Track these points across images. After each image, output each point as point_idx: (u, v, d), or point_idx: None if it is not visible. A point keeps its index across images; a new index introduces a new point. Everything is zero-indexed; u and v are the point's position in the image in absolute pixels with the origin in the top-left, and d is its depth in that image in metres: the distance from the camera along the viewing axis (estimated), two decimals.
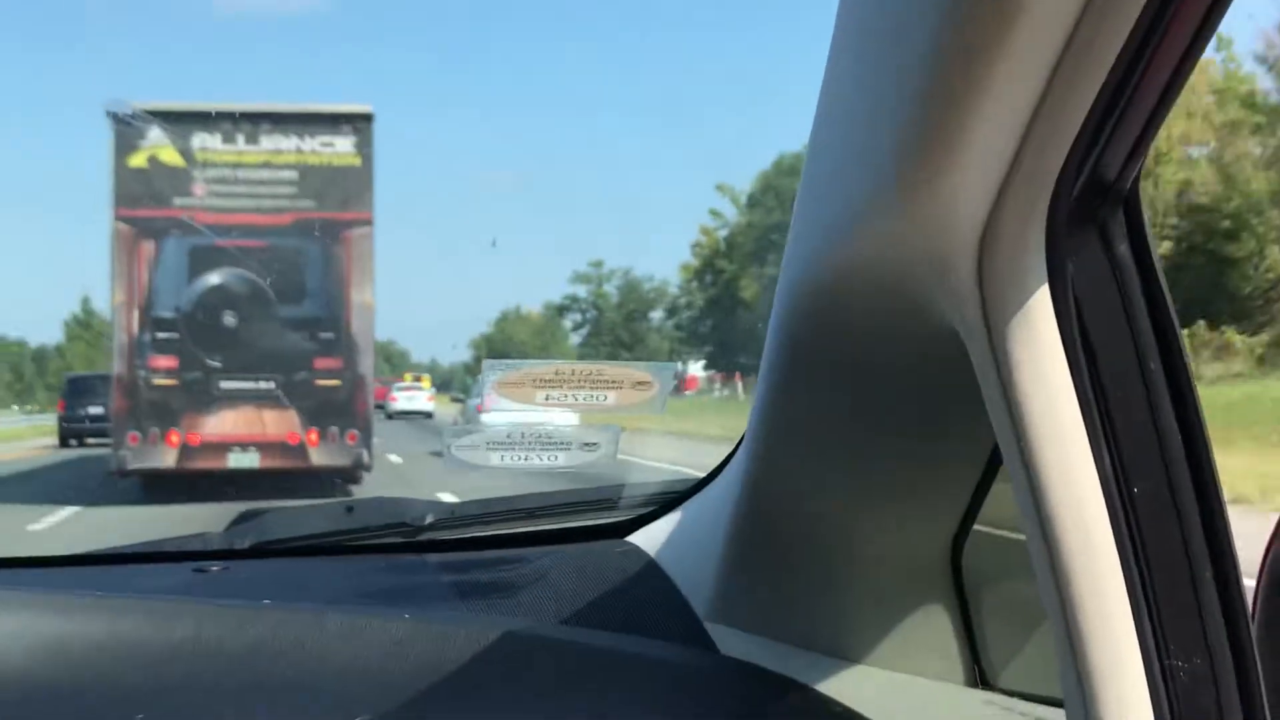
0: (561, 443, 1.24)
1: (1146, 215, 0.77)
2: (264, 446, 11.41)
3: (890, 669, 1.17)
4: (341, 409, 11.45)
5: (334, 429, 11.40)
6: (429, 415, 36.75)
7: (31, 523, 10.22)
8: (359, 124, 11.71)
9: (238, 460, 11.34)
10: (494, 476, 1.48)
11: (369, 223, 11.63)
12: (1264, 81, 34.80)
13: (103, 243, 11.59)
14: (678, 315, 70.92)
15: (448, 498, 3.86)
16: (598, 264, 76.34)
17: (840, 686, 1.12)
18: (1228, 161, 34.92)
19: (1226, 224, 34.33)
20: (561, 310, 79.20)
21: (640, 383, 1.12)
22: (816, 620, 1.19)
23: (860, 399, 1.02)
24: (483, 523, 1.40)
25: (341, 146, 11.61)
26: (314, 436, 11.40)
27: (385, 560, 1.35)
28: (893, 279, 0.82)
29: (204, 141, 11.62)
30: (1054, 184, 0.72)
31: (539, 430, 1.29)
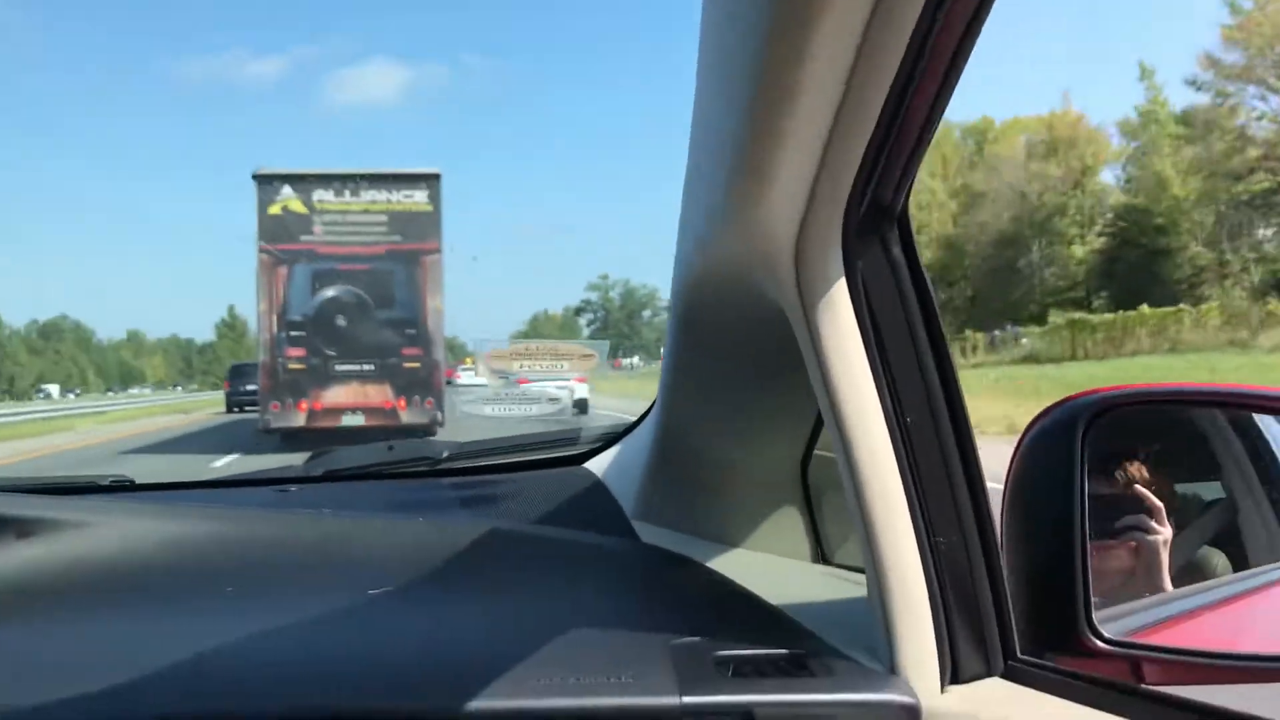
0: (534, 398, 1.27)
1: (913, 227, 0.77)
2: (368, 410, 11.52)
3: (759, 550, 1.19)
4: (422, 384, 11.55)
5: (417, 398, 11.50)
6: (483, 386, 37.46)
7: (213, 462, 10.42)
8: (430, 181, 11.84)
9: (349, 420, 11.47)
10: (506, 425, 1.53)
11: (439, 251, 11.76)
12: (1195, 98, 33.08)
13: (247, 268, 11.71)
14: (661, 314, 70.48)
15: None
16: (604, 276, 76.53)
17: (723, 563, 1.13)
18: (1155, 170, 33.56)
19: (1158, 221, 33.19)
20: (578, 311, 79.13)
21: (585, 355, 1.14)
22: (708, 516, 1.21)
23: (731, 362, 1.03)
24: (483, 455, 1.42)
25: (418, 197, 11.74)
26: (403, 403, 11.50)
27: (415, 483, 1.37)
28: (738, 274, 0.82)
29: (321, 195, 11.72)
30: (845, 205, 0.73)
31: (519, 391, 1.33)
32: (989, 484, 0.80)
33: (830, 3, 0.56)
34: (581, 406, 10.71)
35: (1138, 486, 0.88)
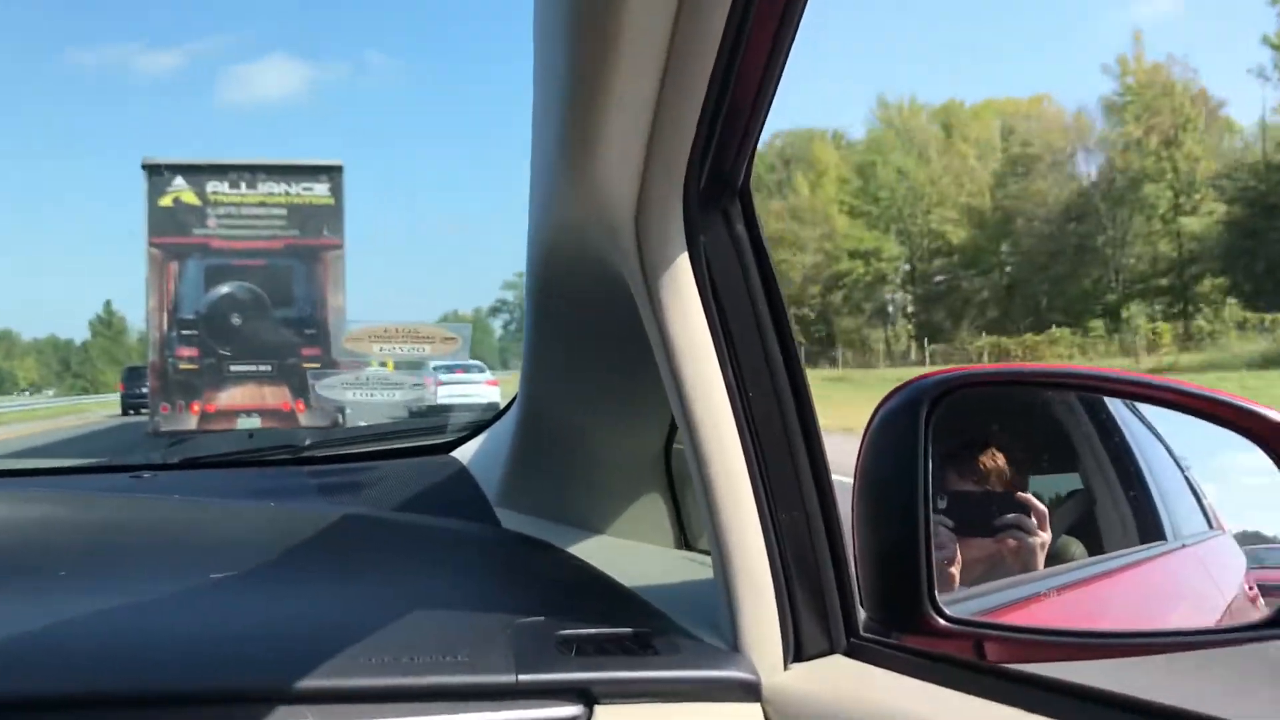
0: (398, 384, 1.26)
1: (756, 201, 0.78)
2: (264, 413, 11.25)
3: (622, 536, 1.20)
4: None
5: (316, 399, 11.29)
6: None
7: None
8: (332, 173, 11.63)
9: (244, 423, 11.18)
10: (392, 409, 1.52)
11: (340, 247, 11.57)
12: None
13: (131, 261, 11.36)
14: None
15: None
16: (520, 274, 75.77)
17: (584, 548, 1.13)
18: None
19: None
20: (494, 311, 78.35)
21: (447, 338, 1.13)
22: (571, 503, 1.21)
23: (590, 346, 1.04)
24: (347, 443, 1.41)
25: (319, 190, 11.52)
26: (301, 405, 11.25)
27: (275, 471, 1.35)
28: (582, 247, 0.83)
29: (215, 187, 11.44)
30: (683, 179, 0.73)
31: (382, 376, 1.32)
32: None
33: None
34: (493, 411, 10.57)
35: (1029, 495, 0.90)
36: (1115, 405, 1.04)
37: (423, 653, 0.75)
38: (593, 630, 0.80)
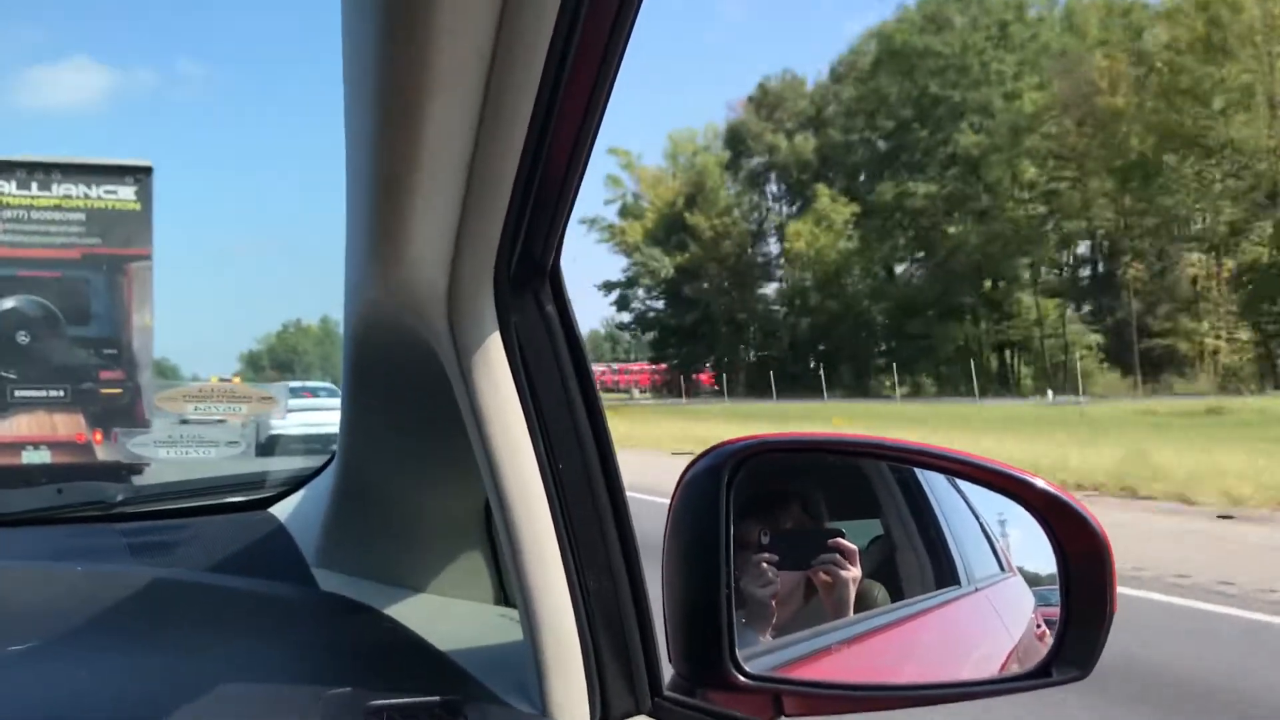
0: (213, 442, 1.29)
1: (565, 284, 0.87)
2: (55, 445, 10.52)
3: (442, 594, 1.26)
4: (123, 413, 10.69)
5: (116, 430, 10.63)
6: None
7: None
8: (140, 175, 11.01)
9: (30, 457, 10.41)
10: (216, 463, 1.54)
11: (148, 257, 10.98)
12: None
13: None
14: None
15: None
16: None
17: (403, 608, 1.19)
18: None
19: None
20: None
21: (264, 398, 1.18)
22: (391, 562, 1.27)
23: (405, 404, 1.10)
24: (161, 499, 1.42)
25: (124, 194, 10.91)
26: (99, 436, 10.59)
27: (83, 528, 1.35)
28: (396, 325, 0.90)
29: (1, 186, 10.65)
30: (494, 263, 0.82)
31: (196, 434, 1.35)
32: None
33: (442, 73, 0.64)
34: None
35: (841, 540, 1.02)
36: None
37: None
38: (402, 700, 0.87)
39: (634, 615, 0.90)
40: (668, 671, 0.93)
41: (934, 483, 1.18)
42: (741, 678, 0.93)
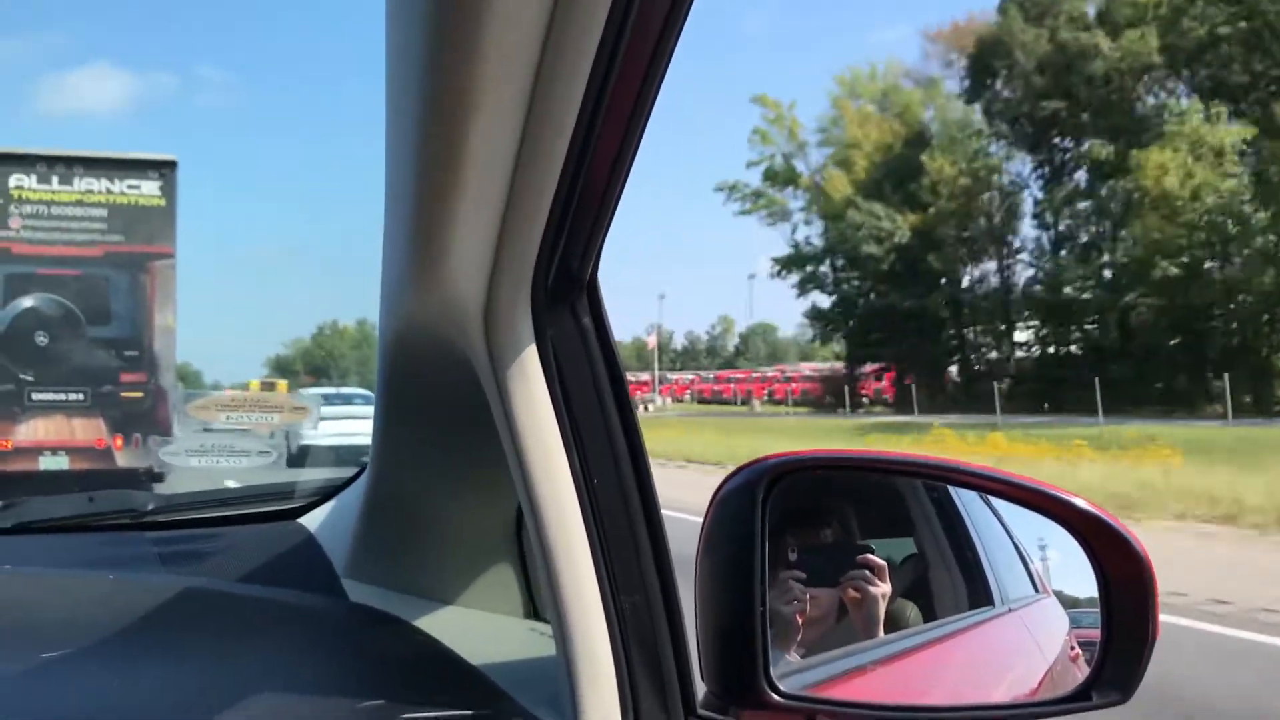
0: (244, 451, 1.32)
1: (602, 295, 0.88)
2: (73, 451, 10.50)
3: (472, 607, 1.28)
4: (144, 417, 10.68)
5: (137, 435, 10.62)
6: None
7: None
8: (164, 170, 11.00)
9: (48, 463, 10.40)
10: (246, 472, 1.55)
11: (171, 256, 10.98)
12: None
13: None
14: None
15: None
16: None
17: (433, 621, 1.21)
18: None
19: None
20: None
21: (297, 408, 1.20)
22: (421, 574, 1.29)
23: (440, 417, 1.12)
24: (191, 508, 1.44)
25: (147, 189, 10.89)
26: (119, 441, 10.58)
27: (114, 536, 1.39)
28: (432, 336, 0.91)
29: (21, 181, 10.68)
30: (531, 276, 0.83)
31: (226, 444, 1.38)
32: None
33: (487, 85, 0.65)
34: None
35: (870, 556, 1.02)
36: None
37: None
38: (434, 713, 0.88)
39: (667, 632, 0.90)
40: (700, 689, 0.94)
41: (969, 502, 1.18)
42: (775, 696, 0.93)
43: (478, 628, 1.21)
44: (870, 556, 1.02)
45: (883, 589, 1.04)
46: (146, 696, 0.91)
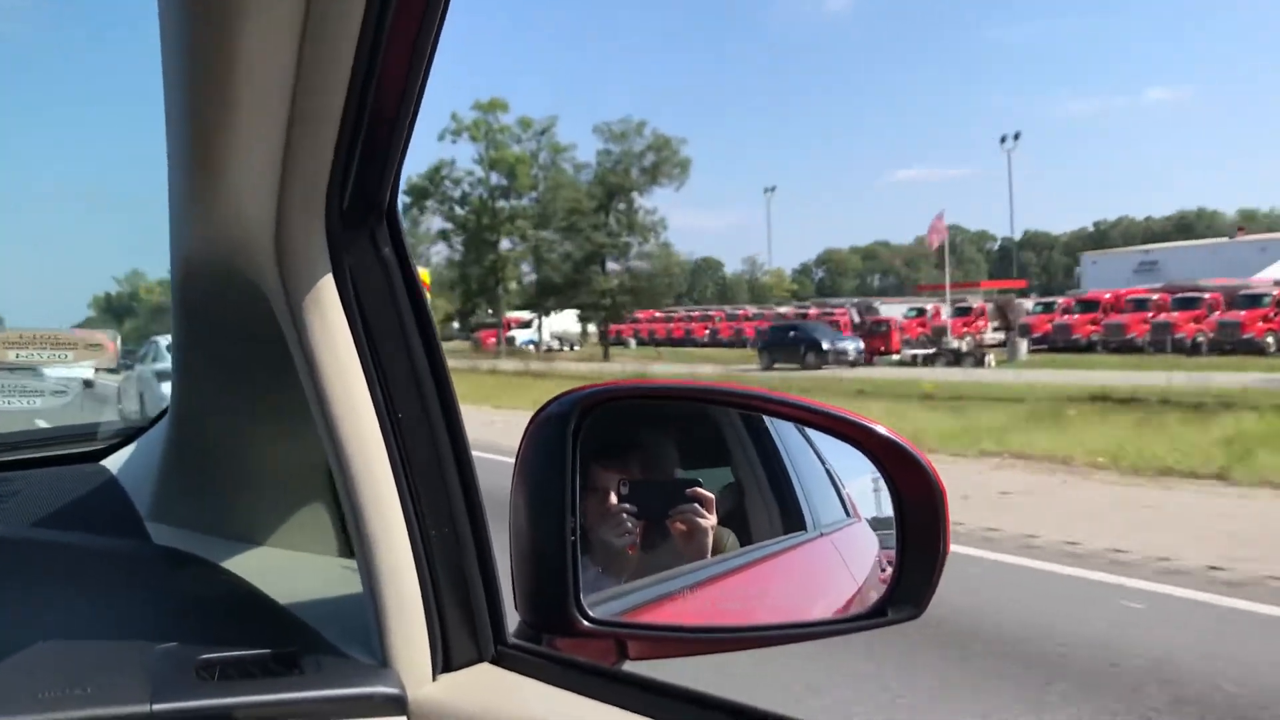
0: (38, 391, 1.24)
1: (403, 225, 0.86)
2: None
3: (285, 547, 1.25)
4: None
5: None
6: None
7: None
8: None
9: None
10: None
11: None
12: None
13: None
14: None
15: None
16: None
17: (242, 562, 1.18)
18: None
19: None
20: None
21: (92, 344, 1.13)
22: (229, 515, 1.26)
23: (239, 353, 1.08)
24: None
25: None
26: None
27: None
28: (223, 266, 0.87)
29: None
30: (324, 200, 0.81)
31: (19, 383, 1.29)
32: None
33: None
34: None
35: (699, 489, 1.03)
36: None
37: (48, 687, 0.78)
38: (236, 653, 0.86)
39: (476, 563, 0.90)
40: (514, 620, 0.94)
41: (782, 431, 1.22)
42: (585, 623, 0.94)
43: (290, 567, 1.18)
44: (699, 489, 1.04)
45: (711, 521, 1.07)
46: None
